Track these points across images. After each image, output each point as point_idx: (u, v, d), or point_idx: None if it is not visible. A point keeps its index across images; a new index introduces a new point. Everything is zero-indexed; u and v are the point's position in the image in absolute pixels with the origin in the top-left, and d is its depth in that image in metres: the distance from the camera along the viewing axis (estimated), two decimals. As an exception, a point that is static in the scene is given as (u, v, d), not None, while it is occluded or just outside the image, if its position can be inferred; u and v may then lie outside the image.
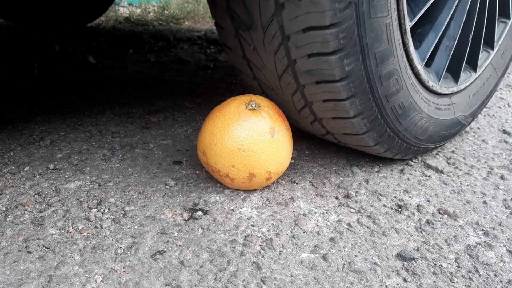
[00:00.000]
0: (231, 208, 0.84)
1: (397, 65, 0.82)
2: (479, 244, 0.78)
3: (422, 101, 0.94)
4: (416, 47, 0.90)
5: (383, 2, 0.71)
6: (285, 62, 0.79)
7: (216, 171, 0.85)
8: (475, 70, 1.08)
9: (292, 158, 1.08)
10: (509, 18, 1.13)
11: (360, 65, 0.74)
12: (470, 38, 0.98)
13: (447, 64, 0.97)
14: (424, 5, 0.83)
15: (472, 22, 0.98)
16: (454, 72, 1.03)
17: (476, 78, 1.10)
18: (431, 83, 0.94)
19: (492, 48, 1.10)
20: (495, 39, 1.10)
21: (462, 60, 1.01)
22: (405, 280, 0.68)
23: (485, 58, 1.10)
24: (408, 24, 0.80)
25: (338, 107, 0.81)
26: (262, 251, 0.72)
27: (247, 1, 0.74)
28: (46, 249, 0.70)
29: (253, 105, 0.84)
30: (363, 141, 0.89)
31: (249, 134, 0.80)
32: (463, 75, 1.04)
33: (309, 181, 0.97)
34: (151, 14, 3.87)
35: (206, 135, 0.84)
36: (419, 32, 0.92)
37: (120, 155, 1.04)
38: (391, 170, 1.04)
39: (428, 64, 0.97)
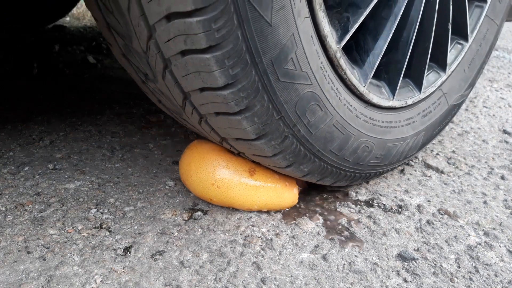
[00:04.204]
0: (231, 208, 0.84)
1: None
2: (480, 244, 0.78)
3: (403, 129, 0.88)
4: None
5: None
6: (179, 92, 0.66)
7: (201, 198, 0.85)
8: (466, 39, 0.95)
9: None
10: None
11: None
12: (450, 27, 0.87)
13: (426, 69, 0.87)
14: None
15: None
16: (439, 63, 0.92)
17: (469, 46, 0.97)
18: (398, 104, 0.84)
19: (485, 0, 0.95)
20: None
21: (445, 49, 0.89)
22: (405, 281, 0.67)
23: (477, 17, 0.96)
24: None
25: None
26: (262, 251, 0.72)
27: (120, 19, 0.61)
28: (46, 249, 0.69)
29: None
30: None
31: (223, 171, 0.79)
32: (449, 56, 0.93)
33: (309, 181, 0.97)
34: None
35: (184, 165, 0.83)
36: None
37: (120, 155, 1.04)
38: (392, 170, 1.04)
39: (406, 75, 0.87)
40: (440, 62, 0.92)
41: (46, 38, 2.39)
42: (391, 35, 0.76)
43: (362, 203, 0.89)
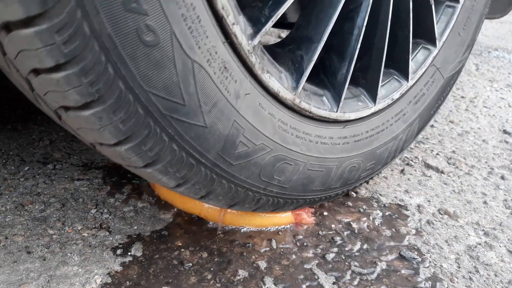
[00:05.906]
0: (231, 208, 0.84)
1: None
2: (480, 244, 0.78)
3: (393, 127, 0.79)
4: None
5: None
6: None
7: None
8: (457, 0, 0.81)
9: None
10: None
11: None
12: (432, 2, 0.75)
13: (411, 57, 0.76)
14: None
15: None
16: (428, 38, 0.80)
17: (462, 5, 0.82)
18: (374, 106, 0.74)
19: None
20: None
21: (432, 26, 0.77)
22: (405, 279, 0.67)
23: None
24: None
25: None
26: (262, 251, 0.72)
27: None
28: (46, 249, 0.69)
29: None
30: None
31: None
32: (439, 25, 0.80)
33: (309, 181, 0.97)
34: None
35: (165, 191, 0.83)
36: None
37: (120, 155, 1.04)
38: (392, 170, 1.04)
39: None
40: (428, 37, 0.79)
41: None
42: (357, 50, 0.67)
43: (362, 203, 0.89)
